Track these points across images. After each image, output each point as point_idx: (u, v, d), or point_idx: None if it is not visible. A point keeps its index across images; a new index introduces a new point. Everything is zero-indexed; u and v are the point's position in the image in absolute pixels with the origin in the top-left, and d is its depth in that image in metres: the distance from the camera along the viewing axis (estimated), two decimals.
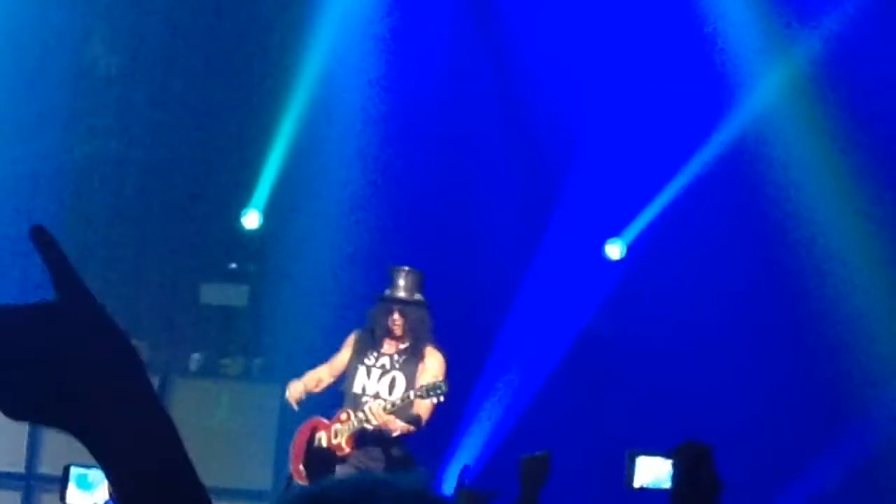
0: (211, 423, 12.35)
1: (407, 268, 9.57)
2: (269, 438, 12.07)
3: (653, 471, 6.37)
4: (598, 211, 12.78)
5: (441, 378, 9.08)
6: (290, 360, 12.53)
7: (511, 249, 12.64)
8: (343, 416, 9.26)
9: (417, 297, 9.46)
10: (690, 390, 12.04)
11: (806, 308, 12.26)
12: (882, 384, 12.02)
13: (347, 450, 9.13)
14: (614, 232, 12.89)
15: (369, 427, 9.07)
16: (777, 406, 12.24)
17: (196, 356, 12.96)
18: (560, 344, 12.56)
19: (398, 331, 9.36)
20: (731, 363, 12.25)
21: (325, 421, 9.30)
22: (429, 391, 8.92)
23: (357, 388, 9.32)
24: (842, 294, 12.21)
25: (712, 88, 12.58)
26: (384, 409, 8.98)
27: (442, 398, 8.97)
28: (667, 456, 5.59)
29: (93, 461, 1.63)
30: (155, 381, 12.46)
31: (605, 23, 12.66)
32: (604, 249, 12.86)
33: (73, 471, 5.45)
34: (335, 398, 9.84)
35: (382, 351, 9.36)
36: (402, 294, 9.42)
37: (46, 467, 11.90)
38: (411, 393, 8.99)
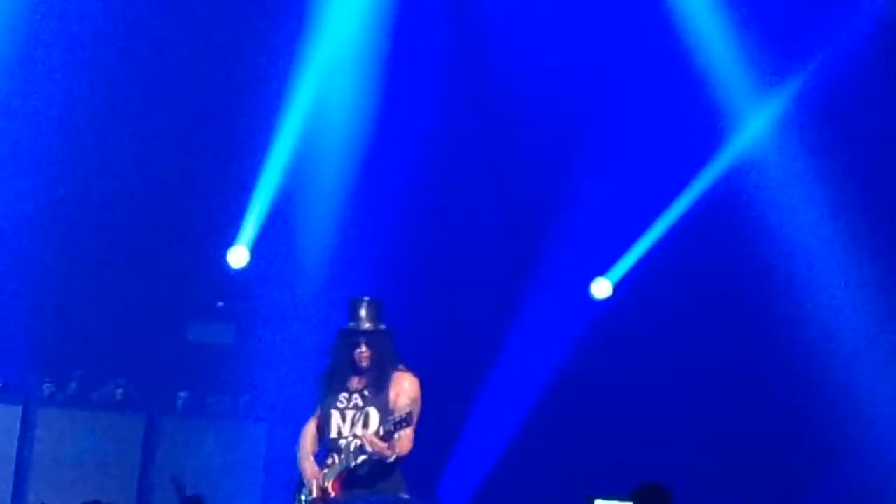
0: (198, 461, 12.35)
1: (367, 298, 9.48)
2: (255, 475, 12.06)
3: None
4: (585, 250, 12.80)
5: (411, 401, 9.01)
6: (276, 397, 12.54)
7: (499, 288, 12.66)
8: (329, 461, 9.21)
9: (381, 326, 9.40)
10: (663, 431, 12.06)
11: (791, 349, 12.28)
12: (860, 431, 12.04)
13: (333, 493, 9.09)
14: (601, 270, 12.92)
15: (352, 465, 9.04)
16: (757, 447, 12.25)
17: (183, 394, 12.95)
18: (539, 382, 12.56)
19: (365, 362, 9.28)
20: (710, 403, 12.26)
21: (317, 468, 9.24)
22: (396, 425, 8.88)
23: (334, 433, 9.23)
24: (829, 336, 12.23)
25: (699, 129, 12.63)
26: (376, 434, 8.89)
27: (412, 426, 8.91)
28: (625, 498, 5.57)
29: (71, 501, 1.67)
30: (141, 420, 12.53)
31: (594, 64, 12.71)
32: (590, 288, 12.89)
33: None
34: None
35: (351, 389, 9.29)
36: (367, 325, 9.35)
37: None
38: (380, 429, 8.91)
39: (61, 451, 12.31)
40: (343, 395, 9.21)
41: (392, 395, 9.11)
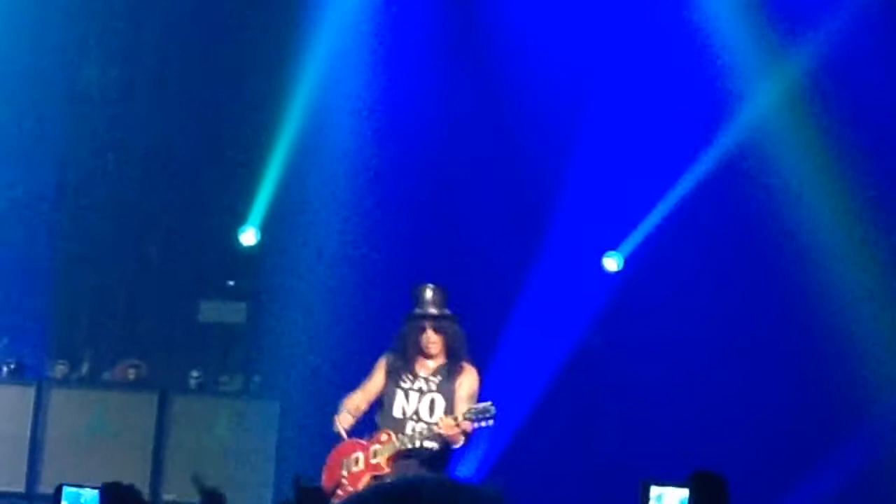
0: (210, 440, 12.37)
1: (432, 284, 9.38)
2: (268, 454, 12.08)
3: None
4: (596, 224, 12.80)
5: (470, 396, 8.95)
6: (288, 376, 12.56)
7: (509, 263, 12.65)
8: (383, 437, 9.03)
9: (447, 312, 9.30)
10: (686, 404, 12.05)
11: (805, 317, 12.27)
12: (883, 393, 12.02)
13: (386, 469, 8.96)
14: (612, 245, 12.91)
15: (416, 446, 8.94)
16: (775, 418, 12.24)
17: (195, 373, 12.97)
18: (556, 357, 12.56)
19: (433, 349, 9.06)
20: (728, 374, 12.25)
21: (363, 442, 9.10)
22: (478, 415, 8.78)
23: (397, 412, 9.06)
24: (841, 303, 12.21)
25: (708, 101, 12.60)
26: (454, 419, 8.80)
27: (491, 422, 8.82)
28: (682, 485, 5.51)
29: (85, 481, 1.69)
30: (154, 399, 12.57)
31: (602, 37, 12.69)
32: (602, 262, 12.89)
33: (66, 490, 5.43)
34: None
35: (417, 373, 9.10)
36: (433, 310, 9.23)
37: (46, 487, 11.91)
38: (460, 416, 8.80)
39: (75, 431, 12.34)
40: (407, 376, 9.11)
41: (457, 385, 9.08)
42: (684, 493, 5.56)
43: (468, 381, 9.11)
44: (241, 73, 13.25)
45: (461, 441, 8.81)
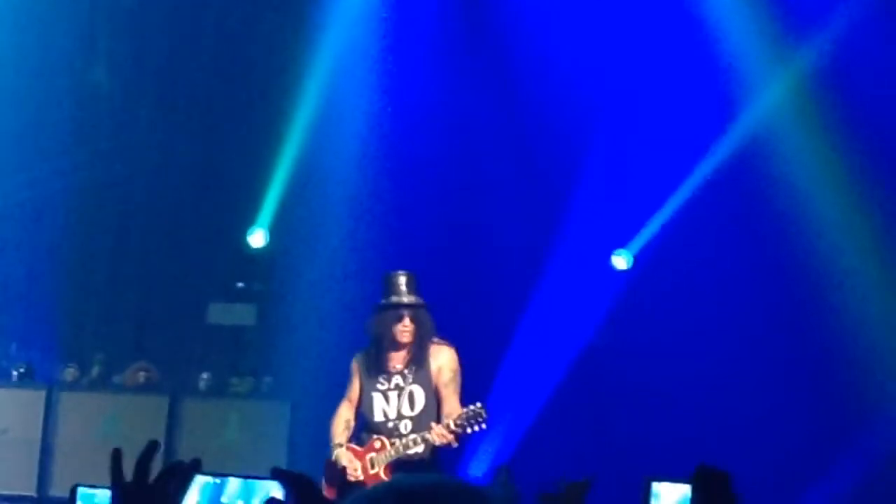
0: (221, 442, 12.36)
1: (403, 271, 9.29)
2: (279, 455, 12.06)
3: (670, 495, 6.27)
4: (605, 223, 12.78)
5: (454, 373, 8.86)
6: (298, 377, 12.54)
7: (518, 261, 12.63)
8: (377, 445, 8.90)
9: (421, 300, 9.19)
10: (696, 402, 12.03)
11: (815, 315, 12.24)
12: (892, 389, 11.99)
13: (386, 479, 8.81)
14: (621, 243, 12.90)
15: (409, 453, 8.85)
16: (785, 415, 12.22)
17: (205, 376, 12.96)
18: (566, 356, 12.54)
19: (406, 337, 8.89)
20: (737, 372, 12.23)
21: (358, 448, 8.98)
22: (469, 420, 8.69)
23: (378, 417, 8.95)
24: (850, 300, 12.19)
25: (716, 98, 12.59)
26: (445, 427, 8.69)
27: (483, 426, 8.71)
28: (684, 481, 5.47)
29: (99, 482, 1.68)
30: (164, 402, 12.56)
31: (611, 35, 12.67)
32: (611, 260, 12.87)
33: (80, 491, 5.43)
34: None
35: (390, 369, 9.01)
36: (410, 299, 9.13)
37: (57, 490, 11.91)
38: (452, 423, 8.69)
39: (85, 435, 12.33)
40: (382, 377, 8.97)
41: (433, 369, 8.91)
42: (685, 488, 5.50)
43: (445, 360, 8.94)
44: (249, 74, 13.25)
45: (455, 445, 8.73)
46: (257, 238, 13.05)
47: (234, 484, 8.02)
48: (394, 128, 12.93)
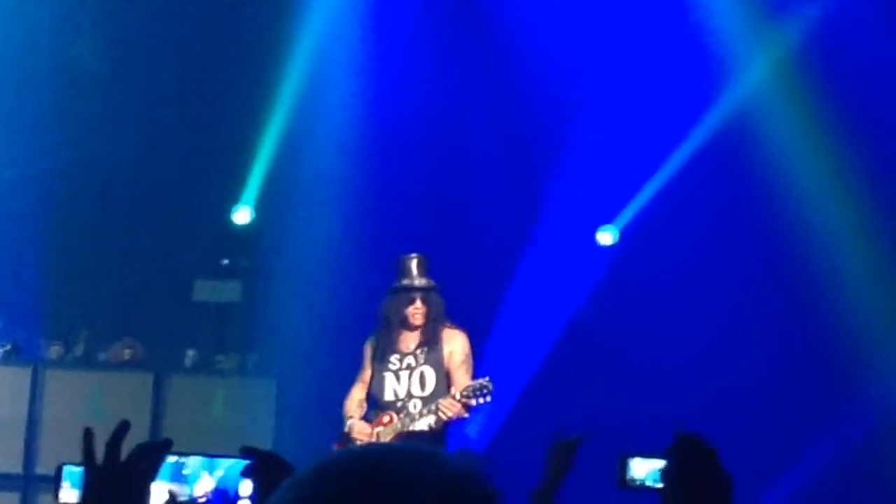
0: (207, 420, 12.35)
1: (416, 254, 9.31)
2: (265, 433, 12.06)
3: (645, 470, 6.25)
4: (590, 198, 12.77)
5: (466, 357, 8.85)
6: (284, 354, 12.54)
7: (503, 237, 12.63)
8: (385, 419, 8.95)
9: (433, 282, 9.21)
10: (681, 378, 12.04)
11: (801, 291, 12.27)
12: (881, 359, 12.02)
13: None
14: (606, 219, 12.89)
15: (415, 426, 8.87)
16: (770, 390, 12.25)
17: (190, 353, 12.95)
18: (551, 333, 12.55)
19: (418, 320, 8.99)
20: (721, 349, 12.25)
21: (369, 423, 9.00)
22: (475, 392, 8.71)
23: (389, 396, 8.95)
24: (837, 276, 12.21)
25: (701, 73, 12.58)
26: (455, 398, 8.70)
27: (489, 398, 8.73)
28: (655, 456, 5.46)
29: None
30: (150, 379, 12.54)
31: (594, 10, 12.64)
32: (596, 236, 12.87)
33: (67, 469, 5.40)
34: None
35: (402, 350, 9.03)
36: (421, 282, 9.12)
37: (43, 468, 11.90)
38: (458, 394, 8.71)
39: (71, 412, 12.32)
40: (394, 357, 9.02)
41: (445, 352, 8.98)
42: (658, 463, 5.49)
43: (458, 344, 9.03)
44: (234, 50, 13.20)
45: (465, 416, 8.78)
46: (242, 215, 13.03)
47: (194, 460, 7.98)
48: (379, 104, 12.90)
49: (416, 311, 9.01)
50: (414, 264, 9.14)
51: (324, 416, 11.22)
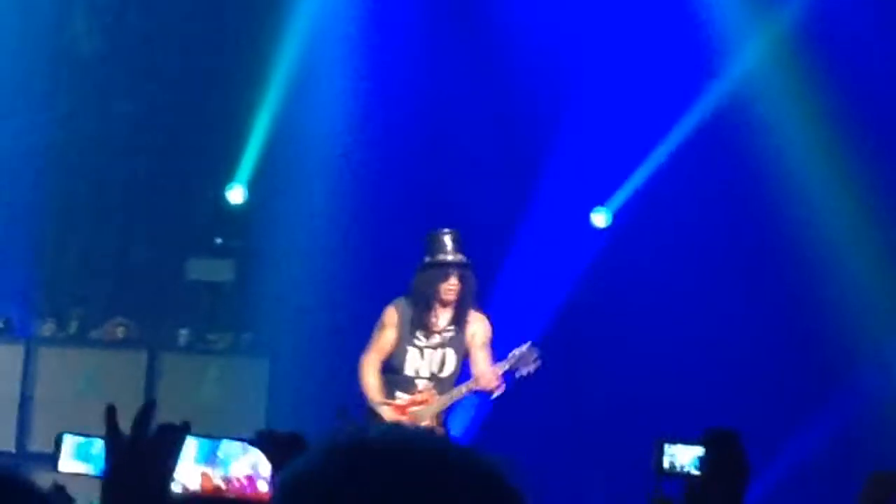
0: (199, 399, 12.37)
1: (449, 229, 9.07)
2: (258, 412, 12.08)
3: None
4: (584, 180, 12.77)
5: (487, 340, 8.77)
6: (277, 333, 12.55)
7: (496, 219, 12.62)
8: (419, 398, 8.80)
9: (466, 258, 9.00)
10: (675, 360, 12.07)
11: (795, 271, 12.28)
12: (875, 345, 12.03)
13: (441, 430, 8.66)
14: (600, 200, 12.90)
15: (452, 401, 8.80)
16: (765, 371, 12.27)
17: (183, 332, 12.95)
18: (544, 315, 12.55)
19: (452, 296, 8.79)
20: (718, 330, 12.26)
21: (399, 405, 8.79)
22: (519, 360, 8.69)
23: (409, 371, 8.77)
24: (831, 259, 12.22)
25: (696, 56, 12.57)
26: (495, 373, 8.64)
27: (539, 362, 8.76)
28: (692, 443, 5.41)
29: (86, 431, 1.69)
30: (143, 357, 12.55)
31: None
32: (590, 218, 12.88)
33: (68, 439, 5.35)
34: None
35: (431, 327, 8.82)
36: (457, 257, 8.88)
37: (36, 446, 11.91)
38: (497, 367, 8.67)
39: (64, 389, 12.33)
40: (421, 333, 8.87)
41: (468, 334, 8.87)
42: (697, 450, 5.43)
43: (481, 328, 8.94)
44: (229, 28, 13.18)
45: (502, 388, 8.73)
46: (236, 194, 13.03)
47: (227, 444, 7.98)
48: (373, 84, 12.90)
49: (451, 288, 8.81)
50: (449, 239, 8.93)
51: (316, 395, 11.25)
